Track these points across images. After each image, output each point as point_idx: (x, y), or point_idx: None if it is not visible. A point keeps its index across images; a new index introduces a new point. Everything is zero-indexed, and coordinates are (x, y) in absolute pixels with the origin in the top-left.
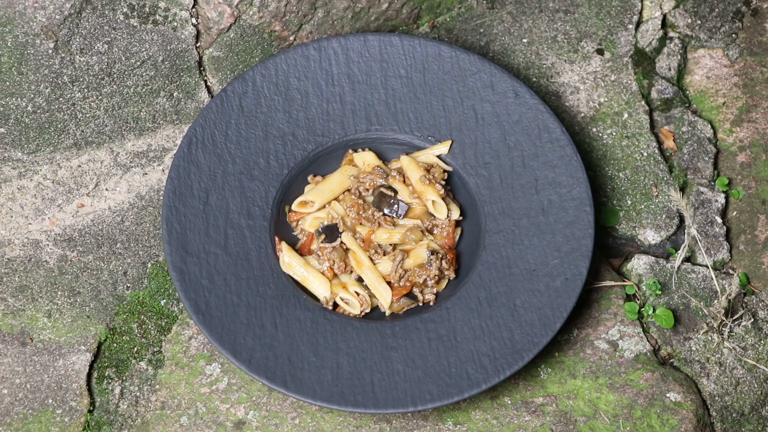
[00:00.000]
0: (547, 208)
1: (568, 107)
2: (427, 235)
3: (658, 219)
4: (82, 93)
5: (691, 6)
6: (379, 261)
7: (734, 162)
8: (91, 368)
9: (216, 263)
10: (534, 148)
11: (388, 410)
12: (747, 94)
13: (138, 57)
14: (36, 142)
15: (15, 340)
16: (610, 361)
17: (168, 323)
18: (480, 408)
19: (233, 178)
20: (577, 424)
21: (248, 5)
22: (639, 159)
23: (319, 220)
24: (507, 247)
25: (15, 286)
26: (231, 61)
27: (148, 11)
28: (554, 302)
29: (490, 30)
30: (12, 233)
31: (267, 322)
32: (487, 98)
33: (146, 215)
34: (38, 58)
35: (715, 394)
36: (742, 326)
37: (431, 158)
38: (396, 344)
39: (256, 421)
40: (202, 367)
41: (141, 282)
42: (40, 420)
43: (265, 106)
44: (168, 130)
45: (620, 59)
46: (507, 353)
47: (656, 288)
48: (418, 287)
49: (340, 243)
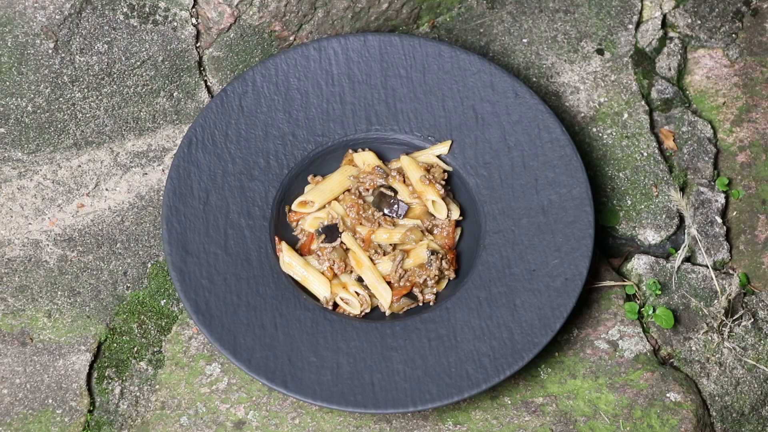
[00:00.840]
0: (547, 208)
1: (568, 107)
2: (427, 235)
3: (658, 219)
4: (82, 93)
5: (691, 6)
6: (379, 261)
7: (734, 162)
8: (91, 368)
9: (216, 263)
10: (534, 148)
11: (388, 410)
12: (747, 94)
13: (138, 57)
14: (36, 142)
15: (15, 340)
16: (610, 361)
17: (168, 323)
18: (480, 408)
19: (233, 178)
20: (577, 424)
21: (248, 5)
22: (639, 159)
23: (319, 220)
24: (507, 247)
25: (15, 286)
26: (231, 61)
27: (148, 11)
28: (554, 302)
29: (490, 30)
30: (12, 233)
31: (267, 322)
32: (487, 98)
33: (146, 215)
34: (38, 58)
35: (715, 394)
36: (742, 326)
37: (431, 158)
38: (396, 344)
39: (256, 421)
40: (202, 367)
41: (141, 282)
42: (40, 420)
43: (265, 106)
44: (168, 130)
45: (620, 59)
46: (507, 353)
47: (656, 288)
48: (418, 287)
49: (340, 243)
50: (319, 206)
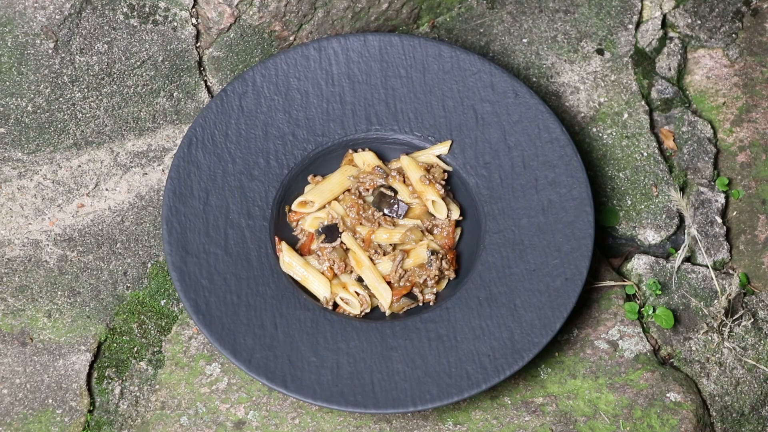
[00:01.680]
0: (547, 208)
1: (568, 107)
2: (427, 235)
3: (658, 219)
4: (82, 93)
5: (691, 6)
6: (379, 261)
7: (734, 162)
8: (91, 368)
9: (216, 263)
10: (534, 148)
11: (388, 410)
12: (747, 94)
13: (138, 57)
14: (36, 142)
15: (15, 340)
16: (610, 361)
17: (168, 323)
18: (480, 408)
19: (233, 178)
20: (577, 424)
21: (248, 5)
22: (639, 159)
23: (319, 220)
24: (507, 247)
25: (15, 286)
26: (231, 61)
27: (148, 11)
28: (554, 302)
29: (490, 30)
30: (12, 233)
31: (267, 322)
32: (487, 98)
33: (146, 215)
34: (38, 58)
35: (715, 394)
36: (742, 326)
37: (431, 158)
38: (396, 344)
39: (256, 421)
40: (202, 367)
41: (141, 282)
42: (40, 420)
43: (265, 106)
44: (168, 130)
45: (620, 59)
46: (507, 353)
47: (656, 288)
48: (418, 287)
49: (340, 243)
50: (319, 206)
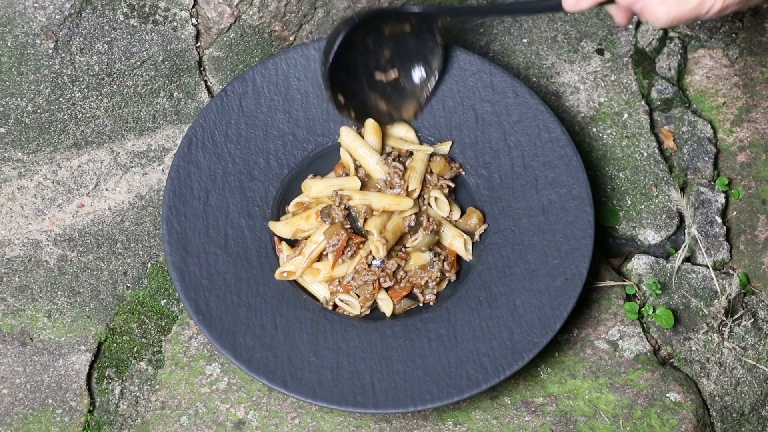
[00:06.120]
0: (547, 208)
1: (568, 107)
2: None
3: (658, 219)
4: (82, 93)
5: None
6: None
7: (734, 162)
8: (91, 368)
9: (216, 263)
10: (534, 148)
11: (388, 410)
12: (747, 94)
13: (138, 57)
14: (36, 142)
15: (15, 340)
16: (610, 361)
17: (168, 323)
18: (480, 408)
19: (233, 178)
20: (577, 424)
21: (248, 5)
22: (639, 159)
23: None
24: (507, 247)
25: (15, 286)
26: (231, 61)
27: (148, 11)
28: (554, 302)
29: (490, 30)
30: (12, 233)
31: (267, 322)
32: (487, 98)
33: (146, 215)
34: (38, 58)
35: (715, 394)
36: (742, 326)
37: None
38: (396, 344)
39: (256, 421)
40: (202, 367)
41: (141, 282)
42: (40, 420)
43: (265, 106)
44: (168, 130)
45: (620, 59)
46: (507, 353)
47: (656, 288)
48: (418, 288)
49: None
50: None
